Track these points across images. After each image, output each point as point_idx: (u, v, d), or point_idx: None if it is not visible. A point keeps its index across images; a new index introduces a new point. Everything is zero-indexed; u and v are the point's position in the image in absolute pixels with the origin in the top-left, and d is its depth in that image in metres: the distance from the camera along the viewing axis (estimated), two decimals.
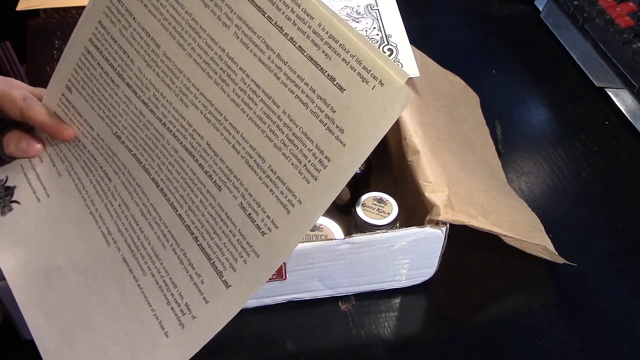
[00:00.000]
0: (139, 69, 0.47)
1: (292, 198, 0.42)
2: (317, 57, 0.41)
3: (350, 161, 0.40)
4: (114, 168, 0.49)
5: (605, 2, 0.86)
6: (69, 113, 0.51)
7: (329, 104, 0.40)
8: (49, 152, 0.52)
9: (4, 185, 0.52)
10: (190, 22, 0.45)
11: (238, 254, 0.43)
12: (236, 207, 0.44)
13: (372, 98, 0.39)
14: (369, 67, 0.39)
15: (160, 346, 0.45)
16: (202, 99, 0.45)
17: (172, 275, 0.45)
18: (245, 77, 0.43)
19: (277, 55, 0.42)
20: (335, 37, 0.40)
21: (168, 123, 0.46)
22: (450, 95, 0.74)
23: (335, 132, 0.40)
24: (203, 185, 0.45)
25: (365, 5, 0.66)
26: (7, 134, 0.50)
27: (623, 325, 0.55)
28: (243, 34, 0.43)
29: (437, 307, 0.57)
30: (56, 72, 0.52)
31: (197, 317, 0.44)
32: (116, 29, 0.48)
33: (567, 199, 0.66)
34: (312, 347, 0.54)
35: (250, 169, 0.43)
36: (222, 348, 0.53)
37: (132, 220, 0.48)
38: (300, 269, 0.52)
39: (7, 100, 0.49)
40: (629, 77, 0.76)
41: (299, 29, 0.41)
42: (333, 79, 0.40)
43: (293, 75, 0.41)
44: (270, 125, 0.42)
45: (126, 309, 0.46)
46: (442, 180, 0.53)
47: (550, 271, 0.59)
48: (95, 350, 0.46)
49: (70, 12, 0.70)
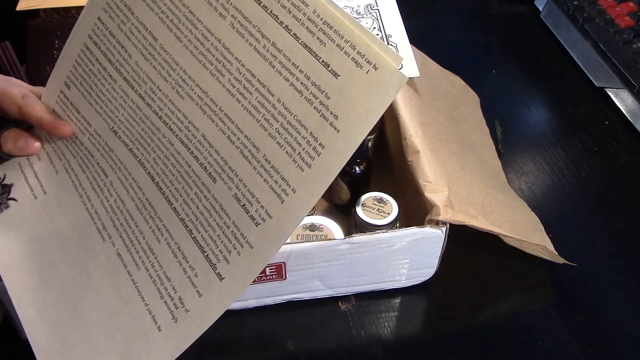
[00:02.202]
0: (136, 63, 0.48)
1: (286, 187, 0.42)
2: (312, 44, 0.41)
3: (345, 147, 0.40)
4: (110, 164, 0.49)
5: (605, 2, 0.86)
6: (67, 110, 0.51)
7: (323, 90, 0.41)
8: (47, 150, 0.52)
9: (1, 183, 0.52)
10: (188, 14, 0.45)
11: (232, 246, 0.43)
12: (230, 198, 0.44)
13: (366, 82, 0.39)
14: (363, 52, 0.39)
15: (153, 340, 0.45)
16: (198, 91, 0.45)
17: (166, 270, 0.46)
18: (240, 67, 0.43)
19: (272, 44, 0.42)
20: (330, 23, 0.40)
21: (164, 116, 0.47)
22: (450, 95, 0.74)
23: (330, 119, 0.40)
24: (198, 178, 0.45)
25: (365, 5, 0.66)
26: (5, 132, 0.51)
27: (623, 325, 0.55)
28: (239, 23, 0.43)
29: (437, 307, 0.57)
30: (55, 70, 0.52)
31: (190, 310, 0.44)
32: (115, 24, 0.48)
33: (567, 199, 0.66)
34: (312, 347, 0.54)
35: (245, 159, 0.43)
36: (222, 348, 0.53)
37: (127, 216, 0.48)
38: (300, 269, 0.52)
39: (6, 97, 0.49)
40: (629, 77, 0.76)
41: (294, 16, 0.41)
42: (327, 65, 0.40)
43: (288, 63, 0.42)
44: (265, 114, 0.42)
45: (119, 304, 0.46)
46: (442, 180, 0.53)
47: (550, 271, 0.59)
48: (87, 346, 0.46)
49: (70, 12, 0.70)
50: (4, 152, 0.51)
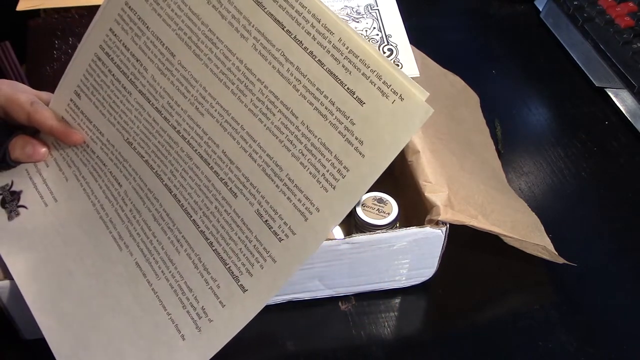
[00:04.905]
0: (152, 77, 0.47)
1: (309, 206, 0.42)
2: (337, 71, 0.41)
3: (370, 172, 0.41)
4: (124, 174, 0.49)
5: (605, 2, 0.86)
6: (77, 118, 0.51)
7: (348, 117, 0.41)
8: (55, 157, 0.52)
9: (10, 190, 0.52)
10: (207, 32, 0.45)
11: (255, 259, 0.44)
12: (252, 213, 0.44)
13: (392, 112, 0.40)
14: (389, 82, 0.40)
15: (177, 349, 0.45)
16: (219, 108, 0.45)
17: (187, 280, 0.46)
18: (263, 88, 0.43)
19: (296, 68, 0.42)
20: (356, 52, 0.40)
21: (182, 131, 0.46)
22: (450, 95, 0.74)
23: (355, 144, 0.41)
24: (218, 192, 0.45)
25: (365, 5, 0.66)
26: (13, 139, 0.50)
27: (623, 325, 0.55)
28: (262, 46, 0.43)
29: (437, 307, 0.57)
30: (64, 78, 0.52)
31: (213, 320, 0.44)
32: (128, 37, 0.48)
33: (567, 199, 0.66)
34: (312, 347, 0.54)
35: (267, 177, 0.43)
36: (221, 348, 0.53)
37: (144, 225, 0.48)
38: (300, 269, 0.52)
39: (14, 104, 0.49)
40: (629, 77, 0.76)
41: (319, 44, 0.41)
42: (353, 93, 0.41)
43: (312, 88, 0.42)
44: (288, 135, 0.43)
45: (140, 313, 0.46)
46: (442, 180, 0.53)
47: (550, 271, 0.59)
48: (112, 352, 0.46)
49: (70, 12, 0.70)
50: (11, 159, 0.51)
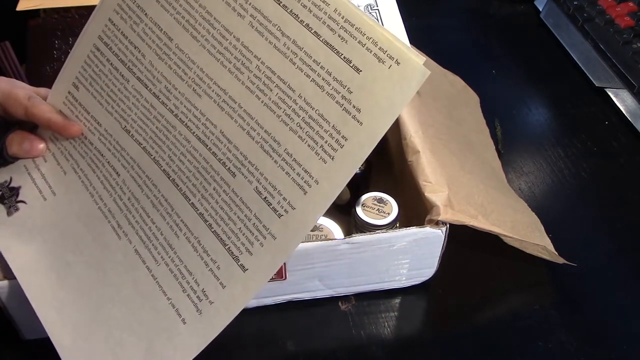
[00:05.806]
0: (150, 63, 0.48)
1: (308, 179, 0.42)
2: (333, 41, 0.42)
3: (368, 139, 0.41)
4: (122, 162, 0.49)
5: (605, 2, 0.86)
6: (75, 110, 0.51)
7: (345, 86, 0.41)
8: (53, 151, 0.52)
9: (8, 186, 0.52)
10: (204, 14, 0.46)
11: (254, 238, 0.44)
12: (251, 191, 0.44)
13: (388, 77, 0.40)
14: (385, 48, 0.40)
15: (178, 333, 0.45)
16: (216, 88, 0.45)
17: (186, 264, 0.46)
18: (260, 65, 0.44)
19: (292, 42, 0.43)
20: (351, 21, 0.41)
21: (180, 114, 0.47)
22: (450, 95, 0.74)
23: (352, 112, 0.41)
24: (216, 173, 0.45)
25: (365, 5, 0.66)
26: (10, 134, 0.50)
27: (623, 325, 0.55)
28: (258, 23, 0.44)
29: (437, 307, 0.57)
30: (62, 71, 0.52)
31: (214, 302, 0.45)
32: (127, 25, 0.49)
33: (567, 199, 0.66)
34: (312, 347, 0.54)
35: (266, 153, 0.44)
36: (222, 348, 0.53)
37: (142, 213, 0.48)
38: (300, 269, 0.53)
39: (12, 99, 0.49)
40: (629, 77, 0.76)
41: (315, 16, 0.42)
42: (349, 61, 0.41)
43: (309, 60, 0.42)
44: (285, 110, 0.43)
45: (140, 300, 0.47)
46: (442, 180, 0.53)
47: (550, 271, 0.59)
48: (112, 343, 0.46)
49: (70, 12, 0.70)
50: (9, 155, 0.51)
